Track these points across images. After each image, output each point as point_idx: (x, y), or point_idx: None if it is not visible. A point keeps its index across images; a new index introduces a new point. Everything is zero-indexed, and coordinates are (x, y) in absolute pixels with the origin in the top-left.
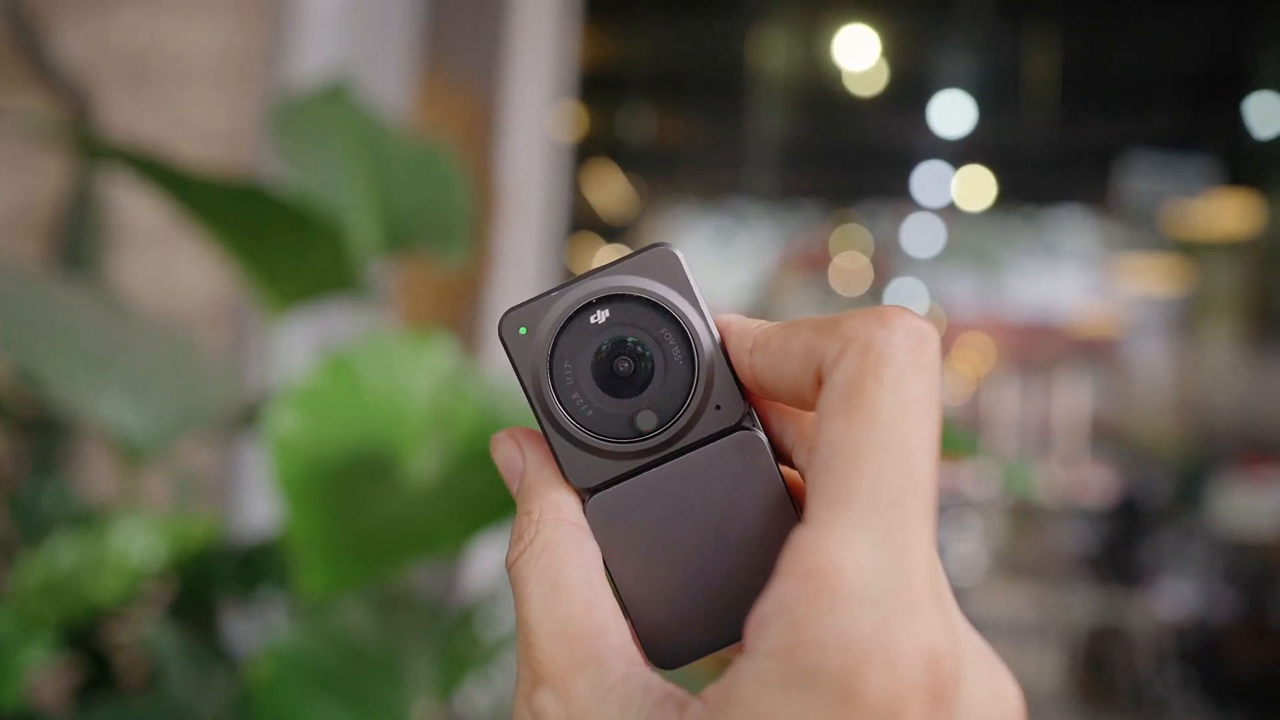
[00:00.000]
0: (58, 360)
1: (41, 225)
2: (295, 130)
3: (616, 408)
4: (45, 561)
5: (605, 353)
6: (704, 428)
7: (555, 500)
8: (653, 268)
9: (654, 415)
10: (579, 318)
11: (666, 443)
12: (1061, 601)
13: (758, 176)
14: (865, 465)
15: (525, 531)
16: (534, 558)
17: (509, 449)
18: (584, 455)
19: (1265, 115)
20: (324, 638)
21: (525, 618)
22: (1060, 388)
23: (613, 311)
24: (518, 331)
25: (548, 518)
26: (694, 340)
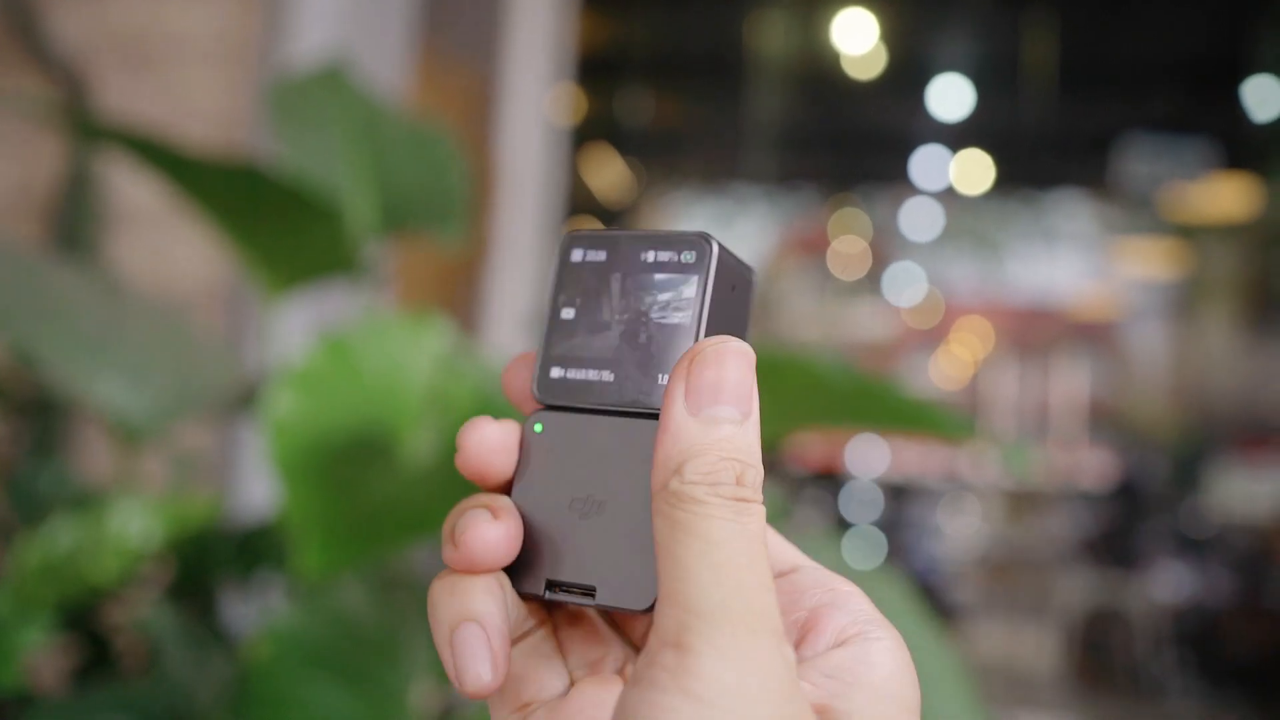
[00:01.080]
0: (55, 342)
1: (39, 207)
2: (292, 112)
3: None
4: (43, 543)
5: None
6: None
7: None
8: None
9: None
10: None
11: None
12: (1060, 584)
13: (756, 160)
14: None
15: (758, 487)
16: (747, 513)
17: (749, 378)
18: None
19: (1263, 98)
20: (322, 618)
21: (766, 570)
22: (1058, 371)
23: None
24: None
25: (761, 496)
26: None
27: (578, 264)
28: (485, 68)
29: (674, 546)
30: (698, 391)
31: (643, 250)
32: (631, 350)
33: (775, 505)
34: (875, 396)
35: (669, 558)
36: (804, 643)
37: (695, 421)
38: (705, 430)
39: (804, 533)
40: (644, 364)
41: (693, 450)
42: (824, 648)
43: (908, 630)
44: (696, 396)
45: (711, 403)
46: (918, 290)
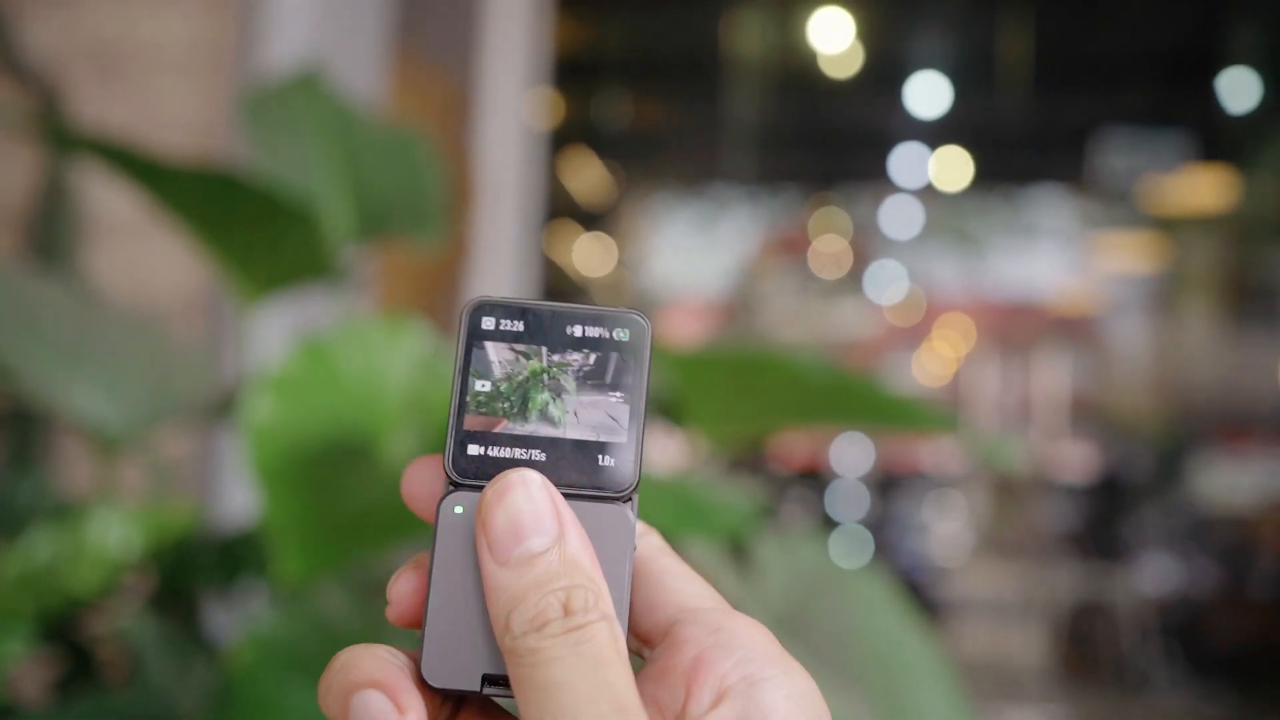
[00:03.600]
0: (31, 353)
1: (14, 218)
2: (267, 119)
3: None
4: (22, 554)
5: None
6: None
7: (606, 589)
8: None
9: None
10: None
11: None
12: (1045, 578)
13: (735, 161)
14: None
15: (589, 601)
16: (612, 633)
17: (539, 498)
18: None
19: (1238, 90)
20: (303, 623)
21: (619, 683)
22: (1040, 366)
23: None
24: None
25: (608, 605)
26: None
27: (490, 332)
28: (462, 72)
29: (525, 704)
30: (497, 541)
31: (569, 324)
32: (565, 430)
33: (758, 505)
34: (857, 394)
35: (525, 713)
36: (688, 703)
37: (506, 571)
38: (518, 575)
39: (789, 533)
40: (580, 446)
41: (513, 600)
42: (707, 704)
43: (893, 628)
44: (498, 545)
45: (515, 544)
46: (899, 288)
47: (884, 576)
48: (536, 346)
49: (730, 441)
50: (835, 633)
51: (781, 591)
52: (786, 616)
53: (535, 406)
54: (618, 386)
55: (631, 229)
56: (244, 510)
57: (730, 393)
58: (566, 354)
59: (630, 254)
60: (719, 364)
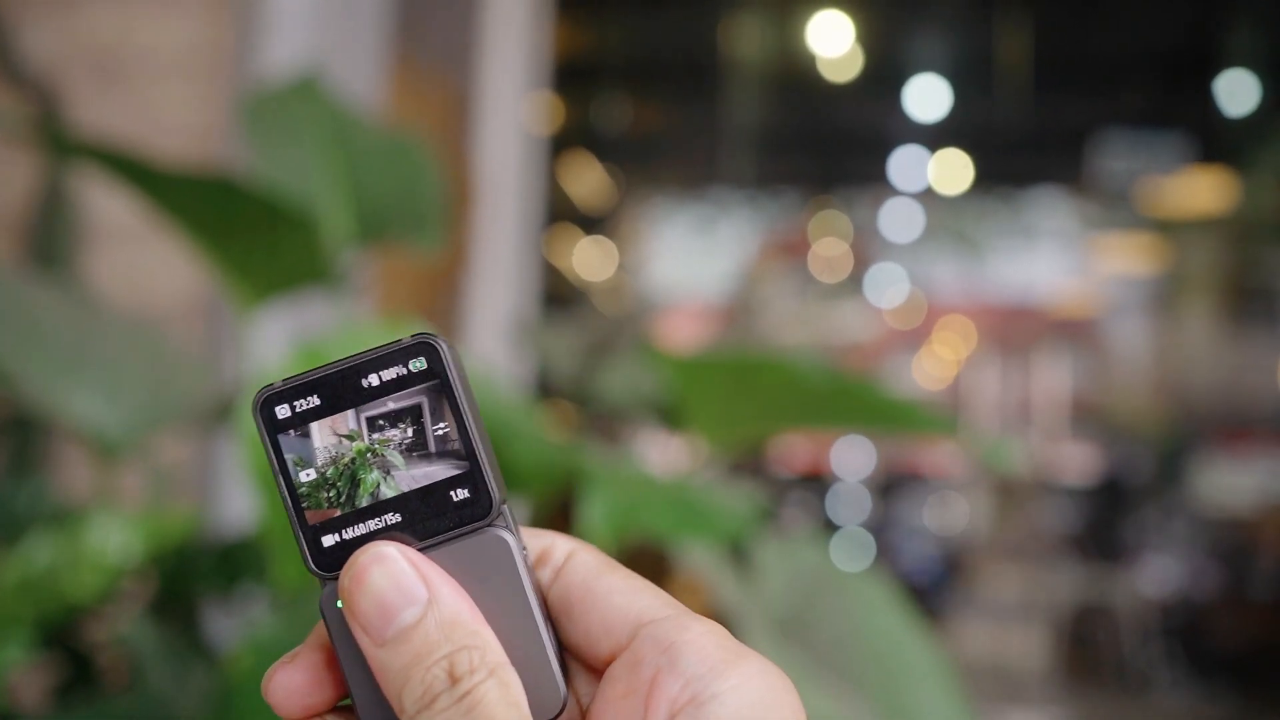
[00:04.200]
0: (30, 358)
1: (13, 224)
2: (266, 124)
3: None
4: (22, 560)
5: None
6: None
7: (491, 636)
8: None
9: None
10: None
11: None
12: (1046, 580)
13: (735, 164)
14: None
15: (474, 661)
16: (499, 684)
17: (397, 570)
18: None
19: (1236, 92)
20: (304, 628)
21: None
22: (1040, 368)
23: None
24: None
25: (494, 654)
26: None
27: (289, 419)
28: (461, 76)
29: None
30: (369, 624)
31: (361, 377)
32: (405, 480)
33: (759, 509)
34: (858, 397)
35: None
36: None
37: (385, 651)
38: (398, 654)
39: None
40: (428, 491)
41: (399, 680)
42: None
43: (893, 630)
44: (372, 629)
45: (387, 624)
46: (899, 291)
47: (885, 579)
48: (343, 414)
49: (730, 445)
50: (836, 635)
51: (782, 594)
52: (787, 619)
53: (367, 488)
54: (438, 417)
55: (631, 233)
56: (243, 516)
57: (730, 396)
58: (373, 407)
59: (630, 258)
60: (719, 367)
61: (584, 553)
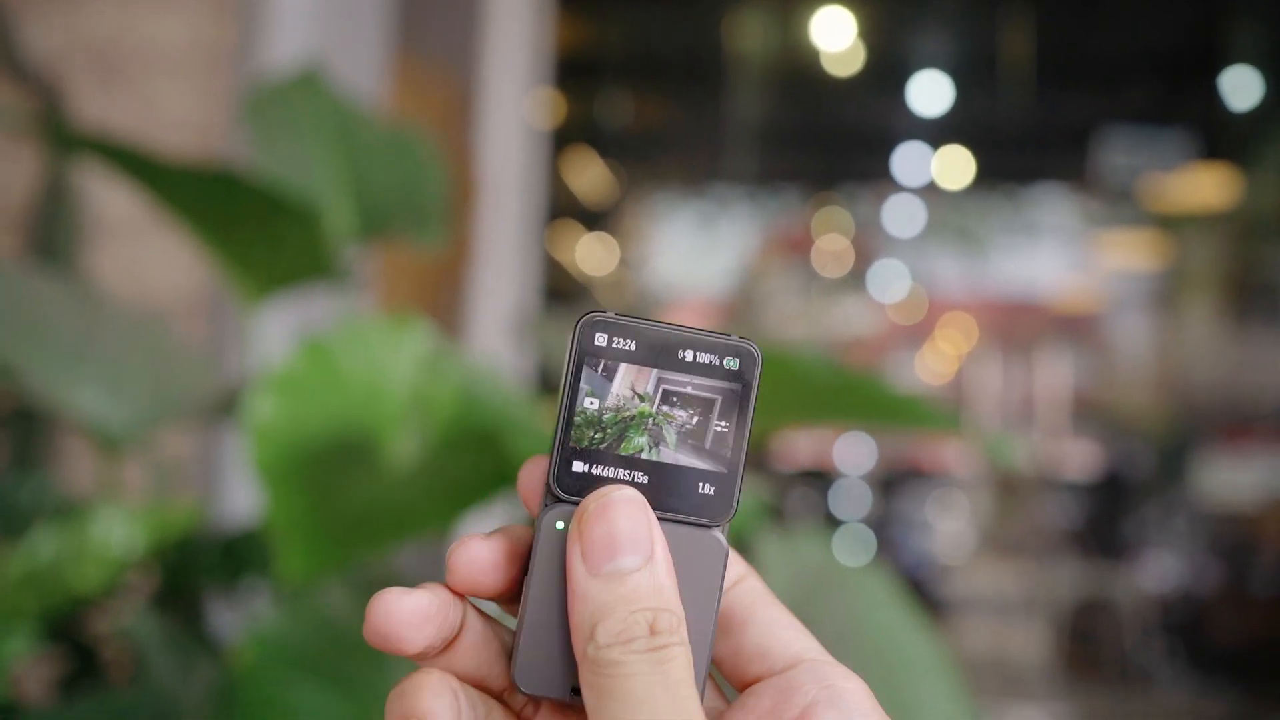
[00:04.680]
0: (34, 352)
1: (15, 219)
2: (268, 119)
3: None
4: (26, 554)
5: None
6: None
7: (682, 616)
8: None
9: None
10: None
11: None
12: (1047, 576)
13: (737, 160)
14: None
15: (674, 625)
16: (688, 660)
17: (639, 518)
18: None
19: (1240, 88)
20: (307, 622)
21: (695, 707)
22: (1042, 364)
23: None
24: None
25: (685, 633)
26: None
27: (602, 350)
28: (463, 72)
29: (599, 713)
30: (593, 551)
31: (681, 349)
32: (668, 454)
33: (761, 504)
34: (860, 392)
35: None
36: None
37: (597, 582)
38: (609, 588)
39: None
40: (681, 472)
41: (601, 612)
42: None
43: (895, 626)
44: (593, 556)
45: (609, 559)
46: (902, 286)
47: (886, 574)
48: (649, 369)
49: None
50: (838, 630)
51: (784, 589)
52: None
53: (631, 445)
54: (724, 416)
55: (634, 228)
56: (247, 509)
57: None
58: (678, 378)
59: (632, 253)
60: None
61: (754, 579)
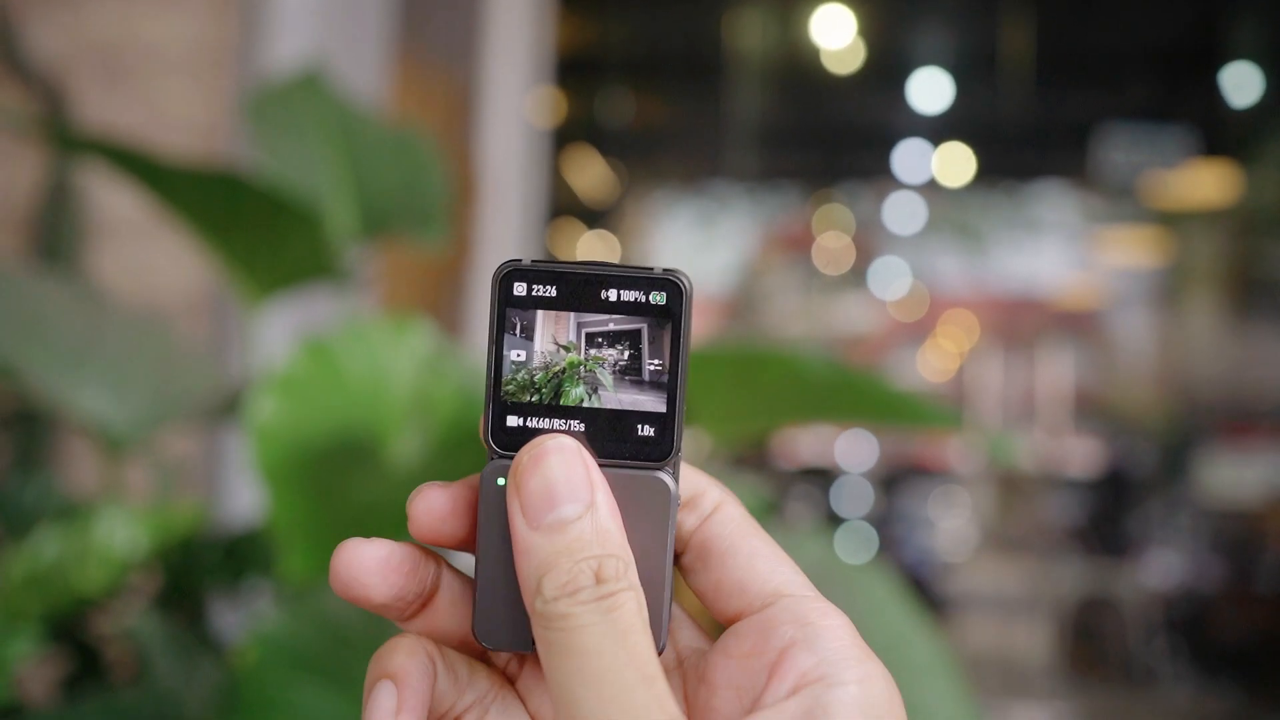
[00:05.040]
0: (37, 354)
1: (18, 220)
2: (270, 119)
3: (577, 399)
4: (29, 554)
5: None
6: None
7: (630, 559)
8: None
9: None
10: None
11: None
12: (1050, 574)
13: (737, 158)
14: None
15: (620, 570)
16: (639, 604)
17: (574, 464)
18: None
19: (1240, 84)
20: (309, 622)
21: (645, 653)
22: (1044, 361)
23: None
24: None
25: (635, 576)
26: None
27: (522, 298)
28: (464, 71)
29: (552, 668)
30: (530, 504)
31: (602, 288)
32: (602, 399)
33: (762, 502)
34: (861, 390)
35: (551, 678)
36: (766, 689)
37: (539, 535)
38: (551, 540)
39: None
40: (618, 416)
41: (545, 565)
42: (782, 694)
43: (897, 624)
44: (531, 510)
45: (548, 510)
46: (903, 284)
47: (888, 572)
48: (572, 313)
49: (734, 438)
50: None
51: None
52: None
53: (567, 397)
54: (656, 354)
55: (634, 226)
56: (249, 510)
57: (734, 389)
58: (602, 319)
59: (633, 251)
60: (723, 361)
61: (732, 506)
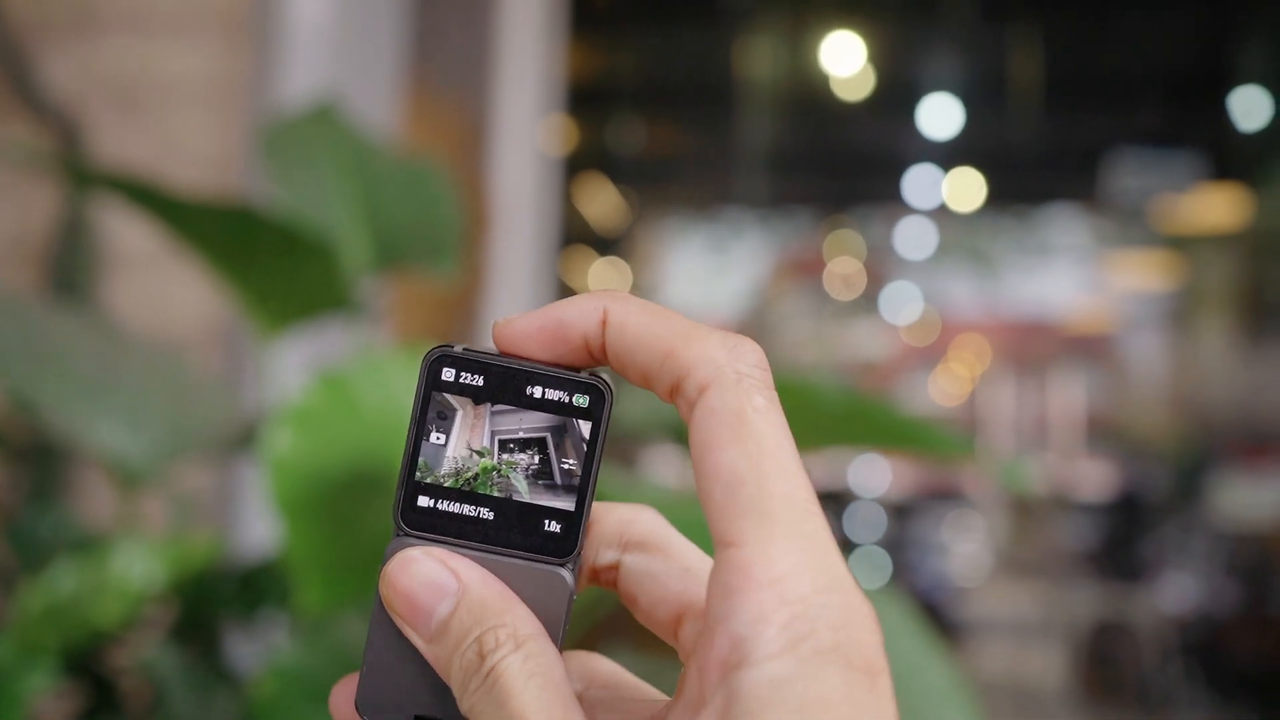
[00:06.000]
0: (53, 387)
1: (34, 253)
2: (284, 152)
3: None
4: (46, 588)
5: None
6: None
7: (525, 614)
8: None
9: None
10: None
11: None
12: (1064, 598)
13: (749, 185)
14: (774, 486)
15: (500, 637)
16: (524, 656)
17: (425, 568)
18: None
19: (1249, 108)
20: (325, 654)
21: (519, 711)
22: (1056, 385)
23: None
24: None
25: (525, 629)
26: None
27: (449, 384)
28: (476, 101)
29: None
30: (413, 624)
31: (529, 385)
32: (514, 491)
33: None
34: (873, 417)
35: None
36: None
37: (433, 647)
38: (441, 646)
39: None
40: (527, 509)
41: (446, 671)
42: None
43: (910, 650)
44: (417, 627)
45: (426, 621)
46: (914, 309)
47: (902, 597)
48: (495, 405)
49: None
50: None
51: None
52: None
53: (489, 466)
54: (571, 454)
55: (646, 253)
56: (265, 542)
57: None
58: (524, 415)
59: (645, 278)
60: None
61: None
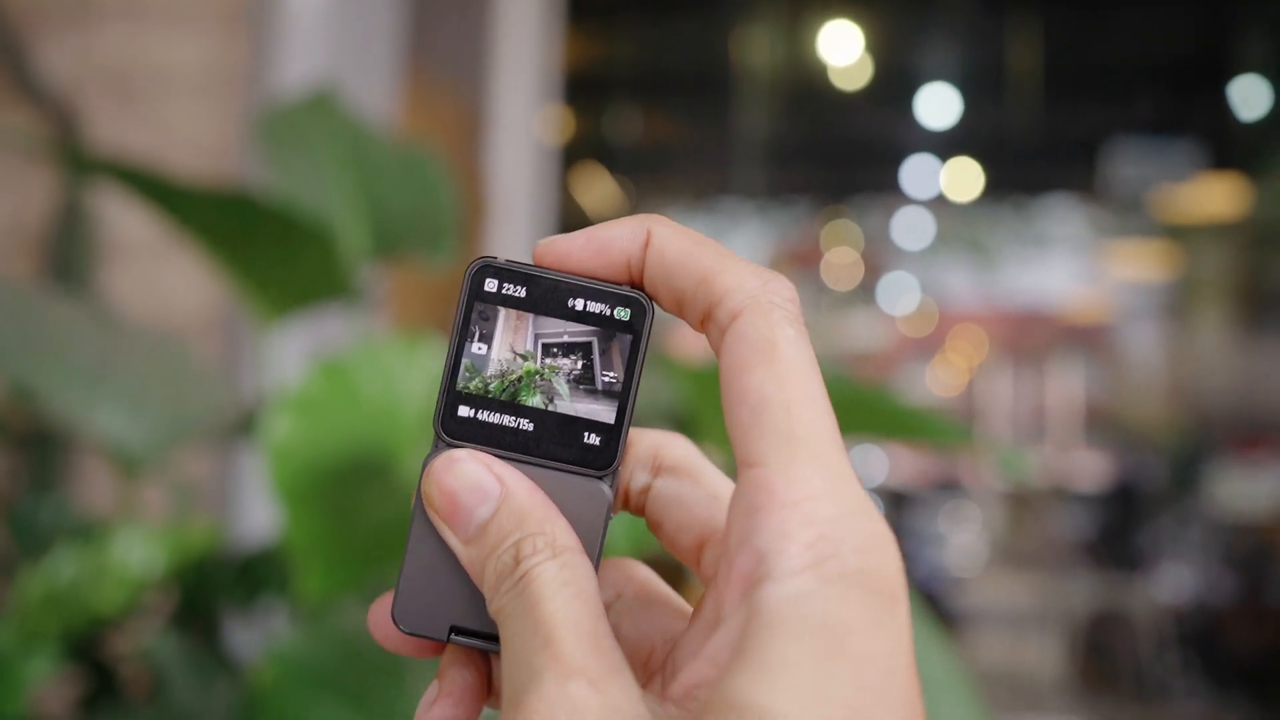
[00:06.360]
0: (52, 374)
1: (31, 242)
2: (282, 140)
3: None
4: (46, 574)
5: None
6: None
7: (565, 527)
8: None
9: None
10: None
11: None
12: (1061, 588)
13: (746, 175)
14: (800, 411)
15: (538, 545)
16: (560, 565)
17: (470, 470)
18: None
19: (1248, 97)
20: (326, 640)
21: (548, 616)
22: (1053, 375)
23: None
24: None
25: (564, 540)
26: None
27: (492, 295)
28: (472, 91)
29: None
30: (453, 524)
31: (571, 297)
32: (554, 402)
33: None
34: (871, 406)
35: None
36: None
37: (470, 547)
38: (479, 548)
39: None
40: (567, 421)
41: (479, 573)
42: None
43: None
44: (456, 528)
45: (466, 523)
46: (912, 299)
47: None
48: (537, 316)
49: None
50: None
51: None
52: None
53: (531, 376)
54: (613, 367)
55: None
56: (264, 529)
57: None
58: (565, 327)
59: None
60: None
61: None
